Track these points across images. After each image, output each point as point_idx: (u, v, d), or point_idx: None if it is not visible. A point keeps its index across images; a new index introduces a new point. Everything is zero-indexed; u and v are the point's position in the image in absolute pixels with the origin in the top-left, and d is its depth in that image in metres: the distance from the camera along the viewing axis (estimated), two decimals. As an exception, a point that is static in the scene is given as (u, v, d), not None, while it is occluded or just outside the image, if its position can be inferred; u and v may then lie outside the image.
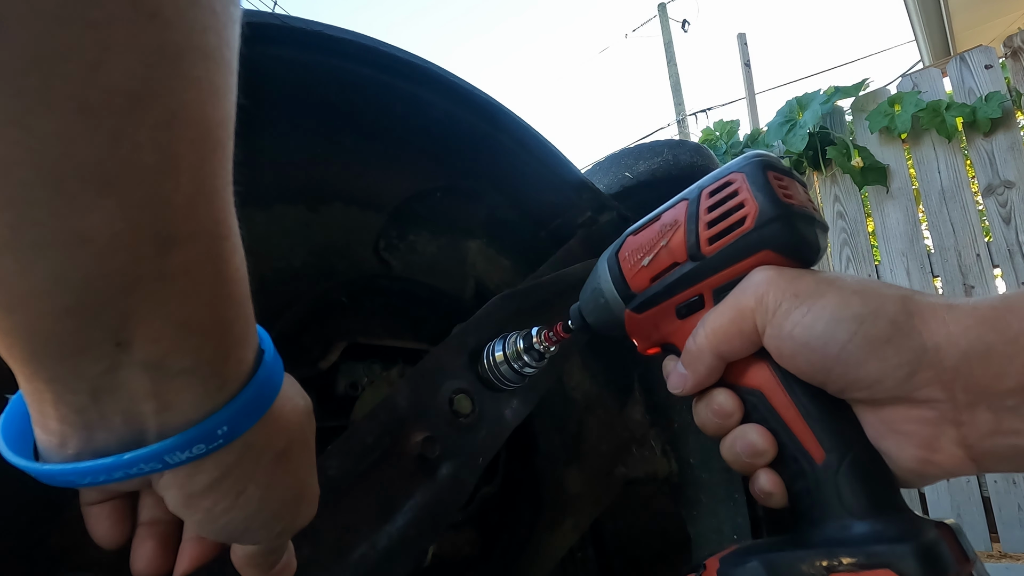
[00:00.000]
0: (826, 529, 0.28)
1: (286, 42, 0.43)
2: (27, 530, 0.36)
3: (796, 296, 0.30)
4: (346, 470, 0.39)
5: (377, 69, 0.49)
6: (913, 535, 0.26)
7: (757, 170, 0.33)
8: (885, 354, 0.28)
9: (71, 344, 0.19)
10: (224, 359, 0.22)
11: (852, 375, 0.29)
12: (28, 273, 0.17)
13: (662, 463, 0.73)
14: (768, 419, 0.31)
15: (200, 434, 0.22)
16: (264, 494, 0.25)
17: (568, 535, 0.61)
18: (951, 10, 3.76)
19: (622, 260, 0.38)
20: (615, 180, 0.70)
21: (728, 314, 0.32)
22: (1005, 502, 1.92)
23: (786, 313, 0.30)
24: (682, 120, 7.14)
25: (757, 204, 0.32)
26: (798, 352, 0.30)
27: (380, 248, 0.57)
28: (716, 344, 0.32)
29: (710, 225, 0.33)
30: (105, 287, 0.18)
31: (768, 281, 0.31)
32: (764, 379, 0.32)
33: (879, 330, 0.28)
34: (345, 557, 0.37)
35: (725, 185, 0.34)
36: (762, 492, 0.32)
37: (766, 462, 0.31)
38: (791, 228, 0.32)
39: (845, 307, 0.28)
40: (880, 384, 0.28)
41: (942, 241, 2.16)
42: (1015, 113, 2.12)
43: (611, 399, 0.71)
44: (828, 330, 0.28)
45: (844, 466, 0.29)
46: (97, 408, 0.21)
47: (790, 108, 2.44)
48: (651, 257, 0.36)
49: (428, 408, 0.44)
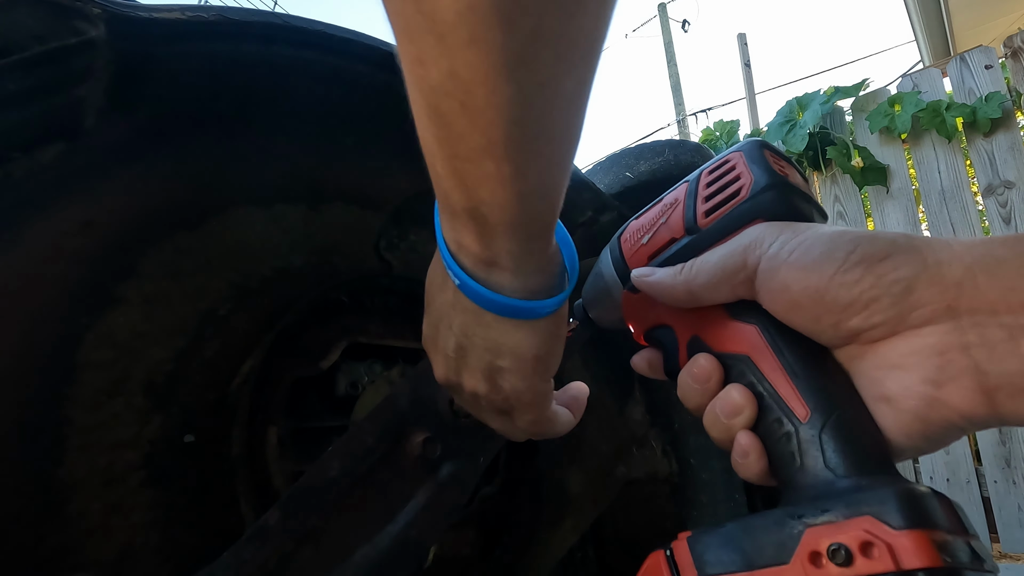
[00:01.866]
0: (809, 490, 0.27)
1: (287, 41, 0.43)
2: (27, 530, 0.36)
3: (794, 231, 0.29)
4: (347, 471, 0.39)
5: (378, 68, 0.49)
6: (899, 487, 0.24)
7: (754, 148, 0.34)
8: (881, 270, 0.26)
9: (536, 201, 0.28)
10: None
11: (846, 297, 0.27)
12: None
13: (662, 463, 0.73)
14: (754, 383, 0.30)
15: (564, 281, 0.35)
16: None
17: (568, 535, 0.61)
18: (951, 10, 3.76)
19: (623, 242, 0.38)
20: (616, 180, 0.70)
21: (718, 253, 0.32)
22: (1005, 502, 1.92)
23: (783, 243, 0.29)
24: (682, 120, 7.14)
25: (752, 176, 0.32)
26: (794, 279, 0.28)
27: (381, 248, 0.56)
28: (692, 278, 0.32)
29: (707, 199, 0.34)
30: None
31: (766, 227, 0.31)
32: (752, 342, 0.31)
33: (876, 248, 0.27)
34: (347, 557, 0.37)
35: (724, 163, 0.35)
36: (739, 454, 0.30)
37: (745, 423, 0.30)
38: (784, 198, 0.32)
39: (841, 234, 0.28)
40: (876, 303, 0.26)
41: (942, 241, 2.16)
42: (1015, 113, 2.12)
43: (611, 399, 0.71)
44: (824, 250, 0.27)
45: (830, 424, 0.27)
46: (536, 266, 0.32)
47: (790, 108, 2.44)
48: (650, 235, 0.36)
49: (429, 408, 0.44)
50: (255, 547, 0.35)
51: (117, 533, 0.39)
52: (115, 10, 0.35)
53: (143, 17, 0.36)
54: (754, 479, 0.30)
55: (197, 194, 0.45)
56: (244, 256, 0.47)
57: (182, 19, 0.37)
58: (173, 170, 0.43)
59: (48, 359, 0.39)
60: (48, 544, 0.37)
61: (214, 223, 0.46)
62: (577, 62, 0.24)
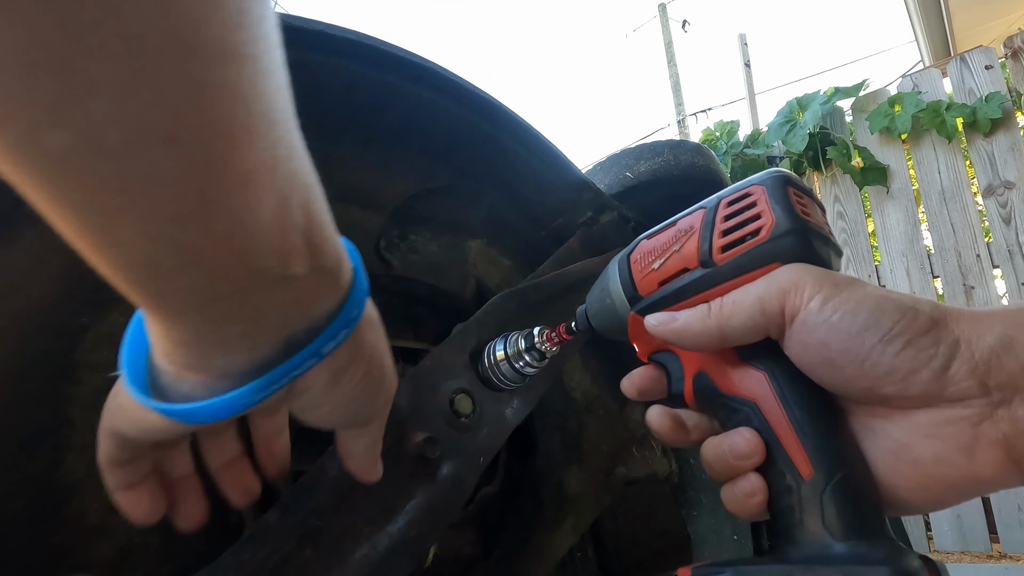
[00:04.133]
0: (805, 548, 0.28)
1: (287, 41, 0.43)
2: (27, 530, 0.36)
3: (836, 286, 0.29)
4: (346, 470, 0.39)
5: (379, 68, 0.49)
6: (893, 560, 0.25)
7: (778, 184, 0.32)
8: (923, 344, 0.27)
9: (262, 270, 0.22)
10: (340, 257, 0.26)
11: (886, 366, 0.28)
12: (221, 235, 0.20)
13: (662, 463, 0.73)
14: (760, 430, 0.31)
15: (342, 321, 0.26)
16: (373, 369, 0.30)
17: (568, 535, 0.61)
18: (951, 10, 3.76)
19: (633, 263, 0.37)
20: (616, 180, 0.70)
21: (753, 293, 0.31)
22: (1005, 503, 1.92)
23: (826, 298, 0.29)
24: (682, 120, 7.14)
25: (774, 216, 0.31)
26: (834, 340, 0.29)
27: (381, 247, 0.56)
28: (728, 317, 0.31)
29: (725, 234, 0.33)
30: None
31: (804, 270, 0.30)
32: (760, 390, 0.31)
33: (920, 323, 0.28)
34: (346, 557, 0.37)
35: (744, 196, 0.33)
36: (745, 494, 0.30)
37: (753, 467, 0.30)
38: (805, 243, 0.31)
39: (887, 300, 0.28)
40: (915, 375, 0.27)
41: (942, 242, 2.16)
42: (1015, 113, 2.12)
43: (611, 399, 0.71)
44: (870, 319, 0.28)
45: (831, 486, 0.28)
46: (259, 328, 0.24)
47: (790, 108, 2.44)
48: (662, 261, 0.35)
49: (429, 408, 0.44)
50: (255, 547, 0.35)
51: (117, 533, 0.39)
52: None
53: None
54: (748, 518, 0.31)
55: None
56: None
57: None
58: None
59: (48, 359, 0.39)
60: (48, 544, 0.37)
61: (214, 223, 0.45)
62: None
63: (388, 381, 0.32)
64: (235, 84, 0.18)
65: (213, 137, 0.18)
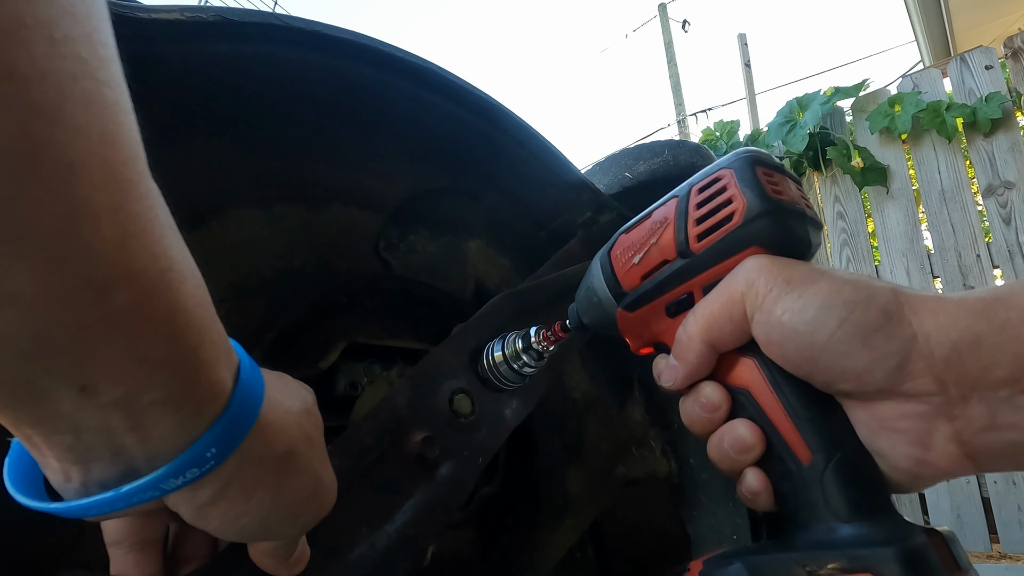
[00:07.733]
0: (811, 532, 0.28)
1: (287, 42, 0.43)
2: (27, 530, 0.36)
3: (788, 282, 0.29)
4: (345, 470, 0.39)
5: (378, 69, 0.49)
6: (899, 539, 0.25)
7: (745, 166, 0.32)
8: (875, 342, 0.27)
9: (37, 390, 0.19)
10: (194, 385, 0.22)
11: (840, 364, 0.28)
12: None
13: (662, 463, 0.73)
14: (756, 417, 0.31)
15: (190, 460, 0.22)
16: (275, 496, 0.25)
17: (568, 535, 0.61)
18: (951, 10, 3.76)
19: (614, 259, 0.38)
20: (615, 180, 0.70)
21: (719, 300, 0.31)
22: (1005, 503, 1.91)
23: (776, 299, 0.29)
24: (682, 120, 7.14)
25: (745, 200, 0.31)
26: (786, 339, 0.29)
27: (380, 248, 0.57)
28: (706, 330, 0.32)
29: (699, 222, 0.33)
30: (49, 337, 0.18)
31: (759, 268, 0.30)
32: (751, 377, 0.31)
33: (870, 318, 0.27)
34: (344, 557, 0.37)
35: (713, 182, 0.33)
36: (749, 492, 0.31)
37: (754, 459, 0.31)
38: (780, 224, 0.31)
39: (836, 294, 0.28)
40: (869, 374, 0.27)
41: (942, 242, 2.16)
42: (1015, 114, 2.12)
43: (611, 399, 0.71)
44: (818, 316, 0.28)
45: (831, 467, 0.28)
46: (84, 445, 0.21)
47: (790, 108, 2.44)
48: (641, 255, 0.35)
49: (428, 408, 0.44)
50: (254, 547, 0.35)
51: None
52: (114, 10, 0.35)
53: (142, 18, 0.36)
54: (760, 509, 0.31)
55: (197, 195, 0.45)
56: (244, 257, 0.47)
57: (182, 19, 0.37)
58: (172, 171, 0.43)
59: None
60: (47, 544, 0.37)
61: (214, 224, 0.46)
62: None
63: (320, 498, 0.28)
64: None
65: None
